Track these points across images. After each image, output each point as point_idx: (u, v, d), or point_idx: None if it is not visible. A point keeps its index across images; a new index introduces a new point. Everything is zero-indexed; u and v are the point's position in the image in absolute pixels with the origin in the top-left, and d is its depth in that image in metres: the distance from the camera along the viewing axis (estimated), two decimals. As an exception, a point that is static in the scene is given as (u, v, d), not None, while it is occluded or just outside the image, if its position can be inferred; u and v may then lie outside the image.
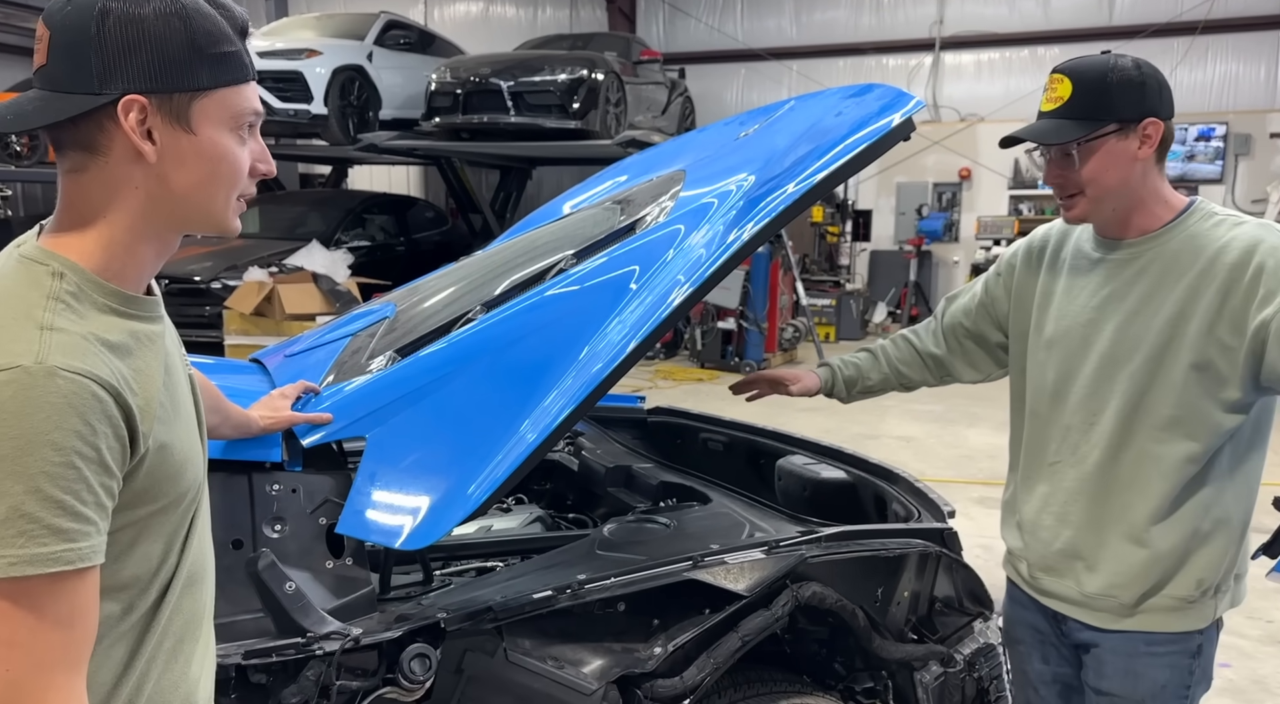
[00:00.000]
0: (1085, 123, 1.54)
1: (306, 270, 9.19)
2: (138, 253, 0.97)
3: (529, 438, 1.68)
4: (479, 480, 1.66)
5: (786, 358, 10.17)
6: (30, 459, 0.81)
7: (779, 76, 14.01)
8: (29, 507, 0.81)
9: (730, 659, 1.76)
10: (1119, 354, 1.59)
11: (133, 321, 0.96)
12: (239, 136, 0.99)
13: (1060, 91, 1.57)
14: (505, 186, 12.80)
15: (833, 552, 1.90)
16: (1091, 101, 1.54)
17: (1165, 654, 1.62)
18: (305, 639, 1.51)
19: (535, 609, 1.64)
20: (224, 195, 0.99)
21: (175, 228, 1.00)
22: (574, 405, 1.69)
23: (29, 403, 0.82)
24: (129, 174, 0.94)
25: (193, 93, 0.93)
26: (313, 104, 9.95)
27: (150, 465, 0.93)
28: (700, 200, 2.09)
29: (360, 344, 2.07)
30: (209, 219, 1.00)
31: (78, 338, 0.88)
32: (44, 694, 0.84)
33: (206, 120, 0.95)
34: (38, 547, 0.81)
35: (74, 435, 0.83)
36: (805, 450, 2.73)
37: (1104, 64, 1.56)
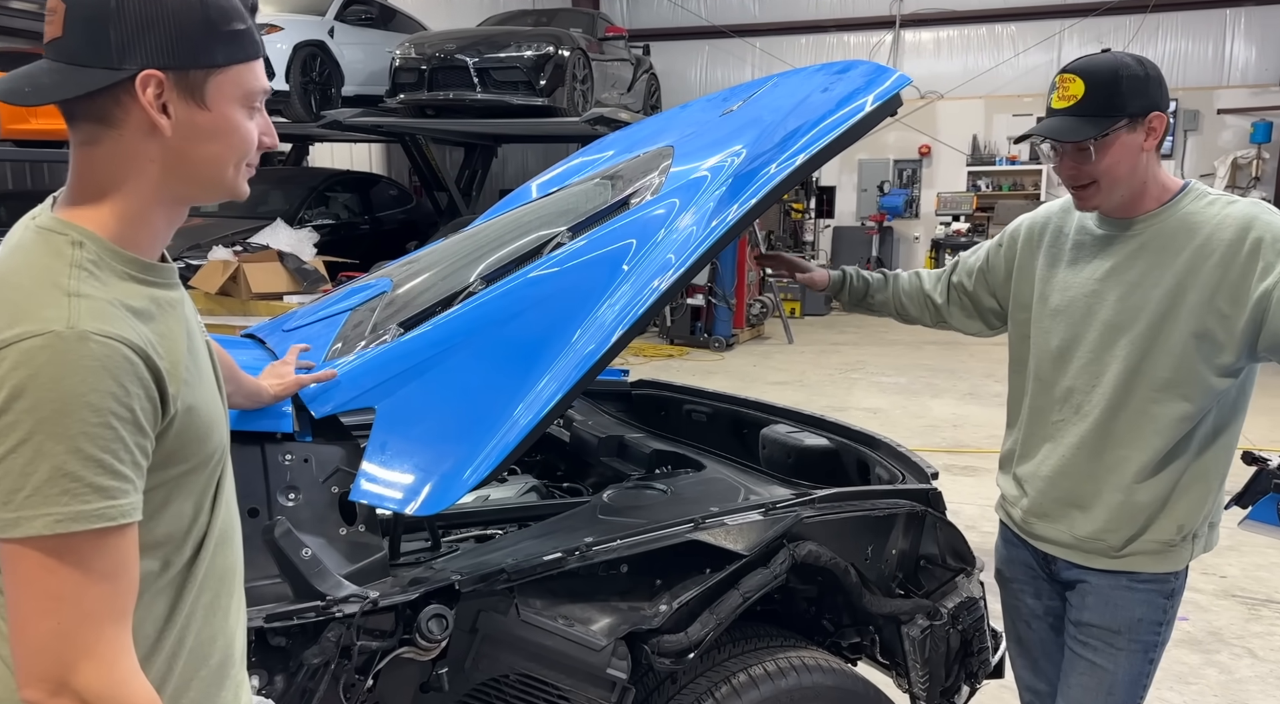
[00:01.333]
0: (1100, 120, 1.65)
1: (272, 249, 9.08)
2: (152, 222, 1.00)
3: (522, 422, 1.74)
4: (474, 464, 1.71)
5: (754, 333, 10.30)
6: (70, 420, 0.84)
7: (743, 54, 14.05)
8: (71, 466, 0.84)
9: (732, 615, 1.84)
10: (1121, 322, 1.73)
11: (153, 288, 0.99)
12: (249, 111, 1.01)
13: (1073, 90, 1.66)
14: (470, 164, 12.70)
15: (826, 512, 1.98)
16: (1104, 99, 1.64)
17: (1144, 591, 1.77)
18: (325, 602, 1.55)
19: (546, 570, 1.70)
20: (234, 166, 1.02)
21: (188, 198, 1.03)
22: (565, 390, 1.75)
23: (65, 366, 0.85)
24: (144, 147, 0.96)
25: (208, 69, 0.96)
26: (273, 81, 9.78)
27: (180, 426, 0.97)
28: (692, 175, 2.14)
29: (361, 318, 2.10)
30: (221, 188, 1.03)
31: (104, 303, 0.91)
32: (94, 644, 0.87)
33: (220, 96, 0.97)
34: (81, 504, 0.85)
35: (109, 397, 0.86)
36: (787, 419, 2.80)
37: (1113, 63, 1.67)
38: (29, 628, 0.87)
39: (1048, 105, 1.73)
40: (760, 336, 10.47)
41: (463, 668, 1.66)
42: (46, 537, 0.84)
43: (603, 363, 1.78)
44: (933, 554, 2.15)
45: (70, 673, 0.87)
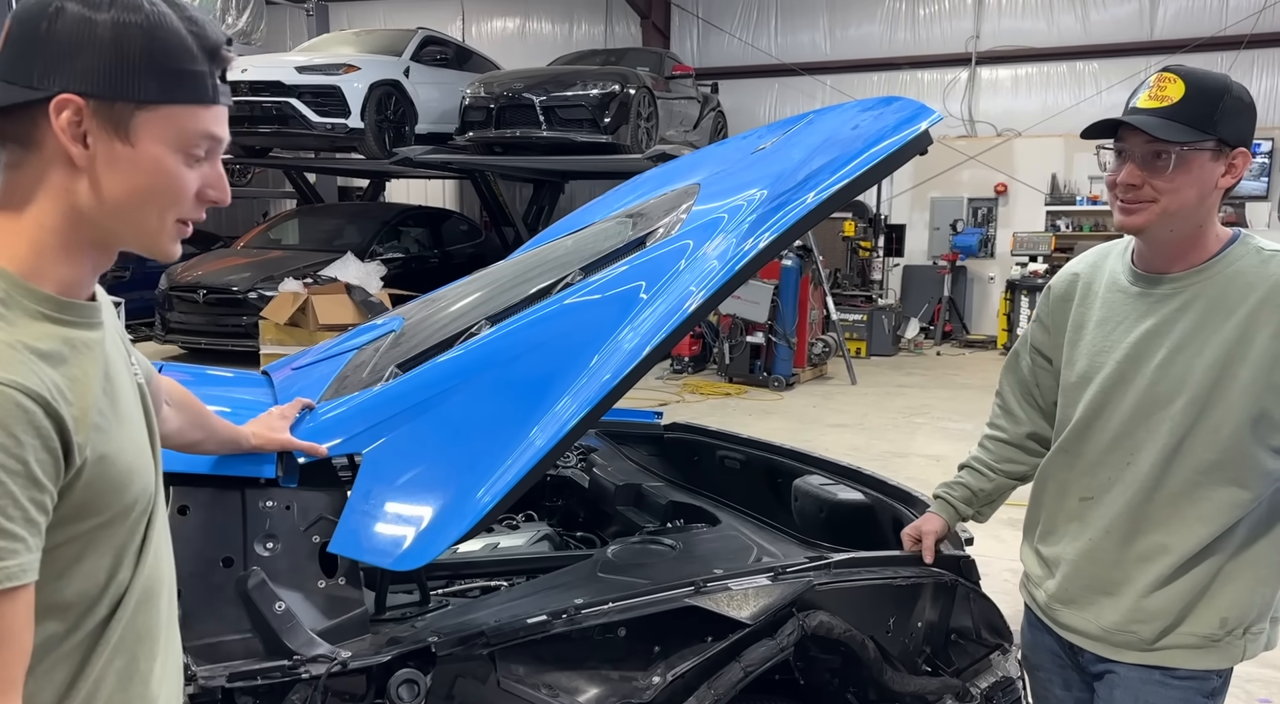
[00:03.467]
0: (1192, 130, 1.45)
1: (340, 281, 9.29)
2: (71, 259, 0.93)
3: (538, 442, 1.64)
4: (489, 485, 1.62)
5: (816, 373, 10.06)
6: None
7: (812, 91, 13.94)
8: None
9: (732, 690, 1.70)
10: (1159, 394, 1.52)
11: (67, 328, 0.92)
12: (187, 157, 0.95)
13: (1170, 91, 1.46)
14: (538, 200, 12.87)
15: (842, 579, 1.84)
16: (1203, 111, 1.45)
17: (1180, 688, 1.55)
18: (292, 661, 1.48)
19: (529, 634, 1.60)
20: (157, 215, 0.95)
21: (104, 239, 0.96)
22: (587, 409, 1.65)
23: None
24: (59, 175, 0.91)
25: (137, 103, 0.90)
26: (350, 118, 10.09)
27: (90, 477, 0.89)
28: (711, 215, 2.04)
29: (364, 358, 2.05)
30: (139, 237, 0.96)
31: (3, 346, 0.85)
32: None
33: (149, 134, 0.92)
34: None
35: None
36: (823, 470, 2.66)
37: (1224, 78, 1.49)
38: None
39: (1130, 103, 1.51)
40: (822, 376, 10.22)
41: (438, 737, 1.56)
42: None
43: (626, 383, 1.68)
44: (965, 628, 1.98)
45: None
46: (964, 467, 1.95)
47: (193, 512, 1.57)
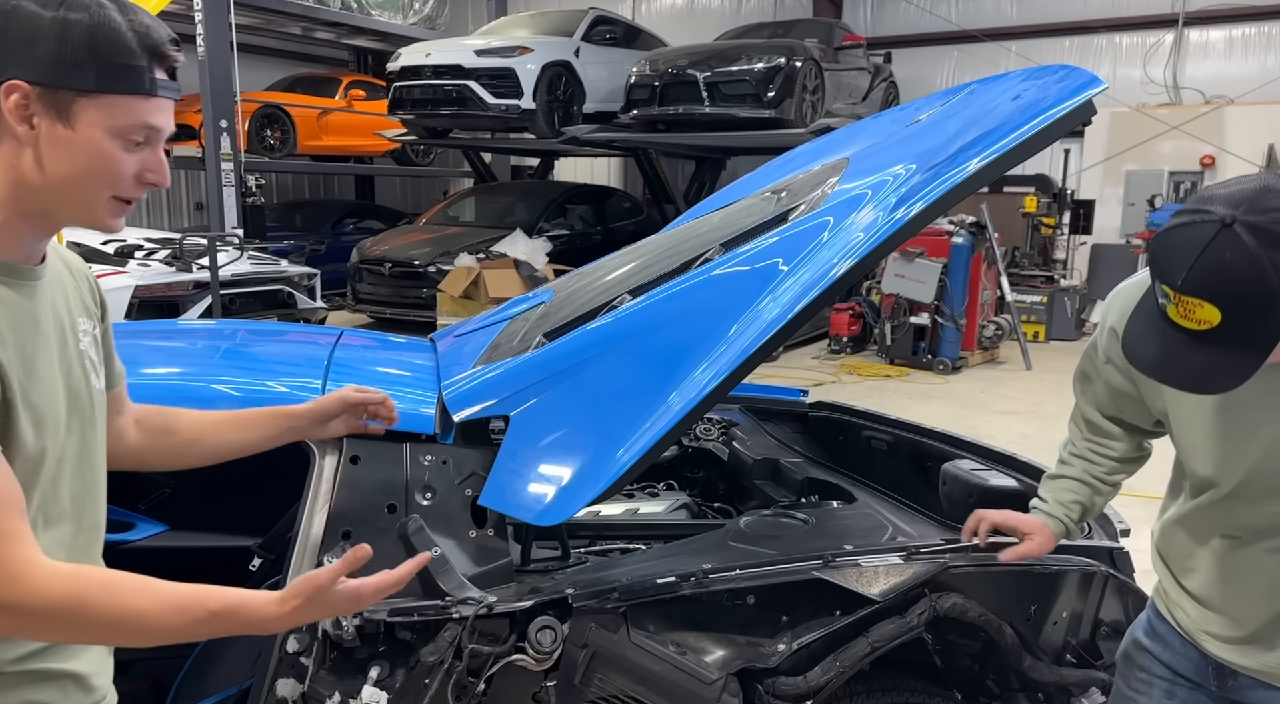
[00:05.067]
0: (1251, 352, 1.16)
1: (509, 257, 9.72)
2: (12, 224, 1.05)
3: (676, 406, 1.70)
4: (629, 445, 1.69)
5: (986, 357, 9.59)
6: None
7: (995, 59, 13.16)
8: None
9: (858, 664, 1.71)
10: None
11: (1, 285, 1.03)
12: (125, 142, 1.05)
13: (1202, 315, 1.14)
14: (699, 176, 12.89)
15: (979, 563, 1.79)
16: (1260, 325, 1.14)
17: None
18: (445, 602, 1.61)
19: (658, 594, 1.67)
20: (94, 192, 1.05)
21: (45, 210, 1.06)
22: (724, 375, 1.68)
23: None
24: (6, 151, 1.02)
25: (77, 92, 1.01)
26: (522, 99, 10.46)
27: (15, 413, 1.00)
28: (855, 190, 2.02)
29: (516, 328, 2.18)
30: (77, 211, 1.07)
31: None
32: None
33: (87, 120, 1.02)
34: None
35: None
36: (975, 455, 2.57)
37: (1259, 274, 1.09)
38: None
39: (1161, 309, 1.20)
40: (994, 361, 9.73)
41: (572, 683, 1.66)
42: None
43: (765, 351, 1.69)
44: (1117, 621, 1.88)
45: None
46: (1065, 478, 1.70)
47: (363, 462, 1.73)
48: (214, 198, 10.42)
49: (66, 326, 1.15)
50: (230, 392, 1.91)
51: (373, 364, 2.26)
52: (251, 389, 1.93)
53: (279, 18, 12.68)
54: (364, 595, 1.14)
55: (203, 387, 1.97)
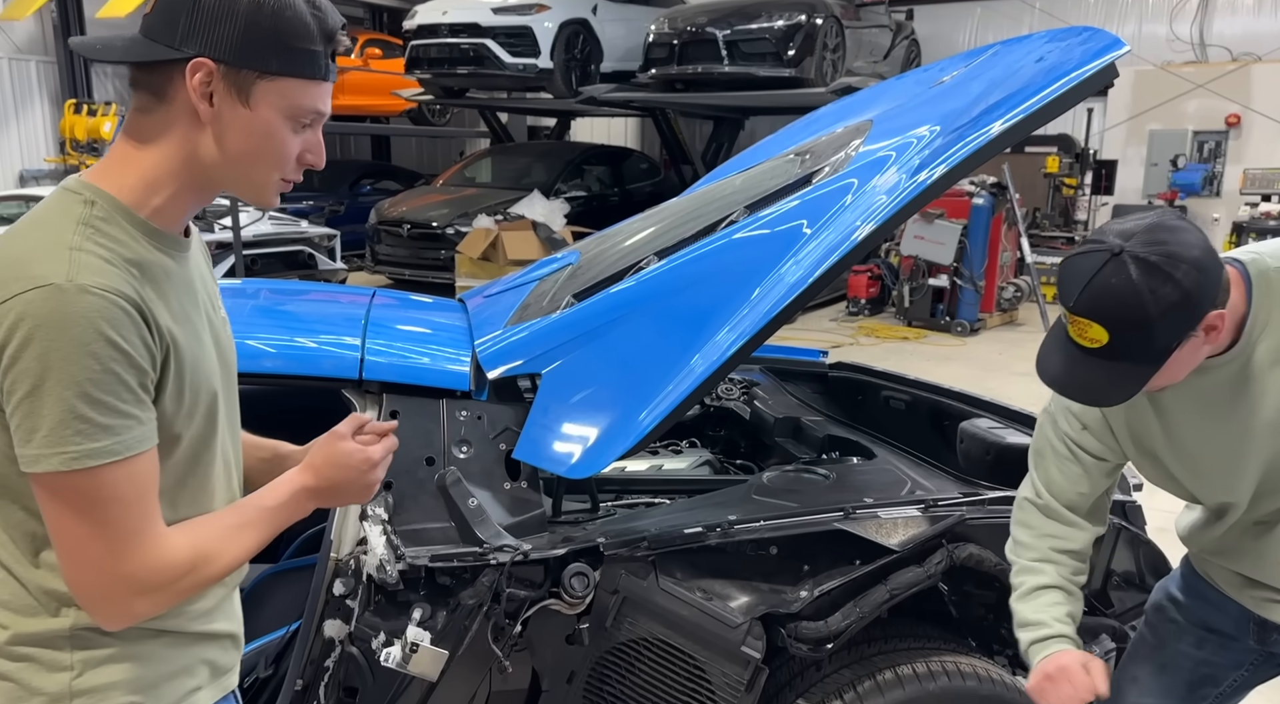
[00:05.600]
0: (1140, 366, 1.28)
1: (527, 219, 9.74)
2: (176, 197, 1.06)
3: (699, 369, 1.76)
4: (651, 407, 1.77)
5: (1005, 319, 9.58)
6: (75, 368, 0.93)
7: (1019, 15, 12.95)
8: (81, 409, 0.94)
9: (877, 610, 1.78)
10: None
11: (158, 253, 1.05)
12: (294, 125, 1.07)
13: (1093, 333, 1.28)
14: (717, 137, 12.80)
15: (996, 515, 1.86)
16: (1141, 346, 1.27)
17: None
18: (483, 549, 1.69)
19: (685, 543, 1.74)
20: (263, 171, 1.07)
21: (212, 185, 1.09)
22: (746, 338, 1.75)
23: (66, 317, 0.93)
24: (186, 127, 1.04)
25: (260, 73, 1.03)
26: (540, 58, 10.38)
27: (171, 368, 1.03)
28: (879, 152, 2.05)
29: (545, 288, 2.24)
30: (246, 189, 1.09)
31: (103, 260, 0.98)
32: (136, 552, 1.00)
33: (265, 102, 1.04)
34: (92, 443, 0.95)
35: (108, 344, 0.95)
36: (992, 414, 2.62)
37: (1136, 299, 1.22)
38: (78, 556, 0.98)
39: (1064, 329, 1.33)
40: (1012, 322, 9.72)
41: (604, 626, 1.74)
42: (64, 472, 0.95)
43: (787, 313, 1.75)
44: (1128, 572, 1.95)
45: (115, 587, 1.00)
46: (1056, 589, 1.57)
47: (402, 416, 1.80)
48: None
49: (212, 294, 1.19)
50: (264, 348, 1.93)
51: (407, 323, 2.33)
52: (284, 346, 1.97)
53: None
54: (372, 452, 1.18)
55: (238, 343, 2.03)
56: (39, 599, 1.04)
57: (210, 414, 1.12)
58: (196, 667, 1.14)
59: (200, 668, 1.15)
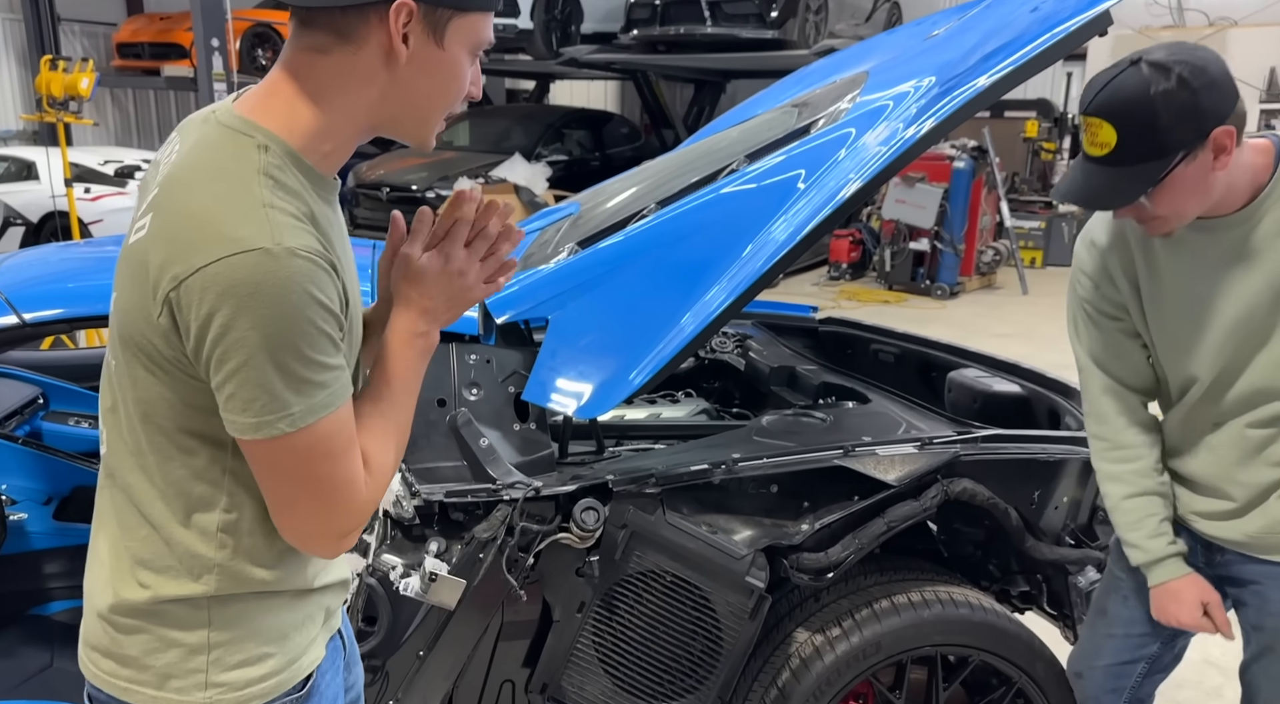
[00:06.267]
0: (1144, 168, 1.35)
1: (509, 182, 9.70)
2: (342, 140, 1.02)
3: (688, 328, 1.81)
4: (640, 366, 1.82)
5: (984, 282, 9.71)
6: (292, 333, 0.91)
7: (999, -22, 12.93)
8: (299, 371, 0.93)
9: (874, 541, 1.85)
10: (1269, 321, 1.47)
11: (319, 201, 1.01)
12: (472, 59, 1.03)
13: (1103, 137, 1.35)
14: (699, 101, 12.75)
15: (988, 452, 1.93)
16: (1145, 144, 1.34)
17: None
18: (496, 486, 1.74)
19: (692, 479, 1.80)
20: (441, 110, 1.04)
21: (382, 127, 1.04)
22: (733, 297, 1.80)
23: (282, 283, 0.90)
24: (374, 70, 0.98)
25: (455, 10, 0.99)
26: (519, 18, 10.27)
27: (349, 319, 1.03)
28: (876, 102, 2.09)
29: (547, 237, 2.27)
30: (419, 129, 1.05)
31: (293, 218, 0.94)
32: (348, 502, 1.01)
33: (457, 39, 1.00)
34: (311, 399, 0.94)
35: (319, 306, 0.93)
36: (980, 364, 2.70)
37: (1142, 93, 1.31)
38: (294, 512, 1.00)
39: (1081, 149, 1.42)
40: (991, 286, 9.85)
41: (613, 559, 1.80)
42: (289, 434, 0.94)
43: (773, 272, 1.80)
44: (1112, 509, 2.03)
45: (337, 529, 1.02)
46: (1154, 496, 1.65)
47: (412, 359, 1.84)
48: (208, 120, 10.28)
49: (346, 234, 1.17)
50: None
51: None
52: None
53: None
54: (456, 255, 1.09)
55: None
56: (182, 561, 1.03)
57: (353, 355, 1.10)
58: (316, 614, 1.16)
59: (318, 615, 1.16)
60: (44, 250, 2.53)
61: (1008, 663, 1.94)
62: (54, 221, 7.28)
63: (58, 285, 2.09)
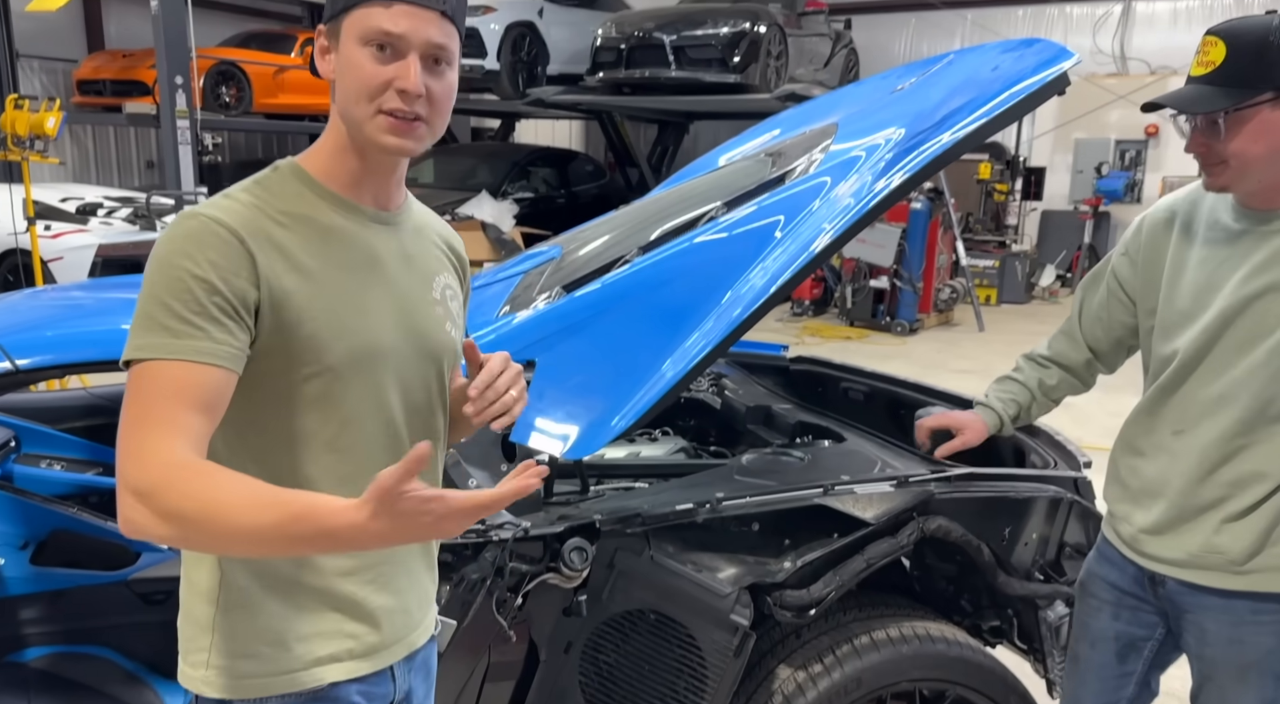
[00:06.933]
0: (1235, 91, 1.46)
1: (476, 219, 9.75)
2: (345, 161, 1.15)
3: (668, 375, 1.87)
4: (622, 412, 1.87)
5: (941, 319, 9.93)
6: (156, 274, 1.05)
7: (952, 27, 13.42)
8: (150, 308, 1.04)
9: (854, 578, 1.90)
10: (1262, 328, 1.53)
11: (332, 215, 1.14)
12: (373, 52, 1.08)
13: (1212, 55, 1.49)
14: (662, 141, 12.98)
15: (961, 490, 2.00)
16: (1246, 68, 1.45)
17: (1271, 619, 1.57)
18: (485, 527, 1.77)
19: (678, 518, 1.84)
20: (358, 105, 1.10)
21: (353, 143, 1.14)
22: (712, 345, 1.86)
23: (169, 236, 1.07)
24: (332, 89, 1.14)
25: (343, 14, 1.10)
26: (486, 60, 10.41)
27: (280, 320, 1.07)
28: (849, 153, 2.18)
29: (531, 281, 2.32)
30: (358, 133, 1.11)
31: (240, 205, 1.09)
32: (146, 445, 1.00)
33: (347, 36, 1.10)
34: (149, 338, 1.03)
35: (186, 258, 1.04)
36: (946, 402, 2.78)
37: (1264, 26, 1.45)
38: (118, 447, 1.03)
39: (1189, 73, 1.55)
40: (948, 323, 10.09)
41: (600, 598, 1.83)
42: (129, 361, 1.05)
43: (751, 321, 1.87)
44: (1079, 543, 2.11)
45: (121, 471, 1.01)
46: (1014, 381, 2.00)
47: (402, 401, 1.87)
48: (169, 156, 10.21)
49: (424, 272, 1.24)
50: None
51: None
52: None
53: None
54: (453, 508, 0.93)
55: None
56: None
57: (363, 377, 1.14)
58: (332, 635, 1.16)
59: (338, 638, 1.16)
60: (12, 299, 2.52)
61: (983, 697, 2.00)
62: (12, 259, 7.16)
63: (43, 331, 2.08)
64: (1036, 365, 1.99)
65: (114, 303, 2.29)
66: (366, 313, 1.15)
